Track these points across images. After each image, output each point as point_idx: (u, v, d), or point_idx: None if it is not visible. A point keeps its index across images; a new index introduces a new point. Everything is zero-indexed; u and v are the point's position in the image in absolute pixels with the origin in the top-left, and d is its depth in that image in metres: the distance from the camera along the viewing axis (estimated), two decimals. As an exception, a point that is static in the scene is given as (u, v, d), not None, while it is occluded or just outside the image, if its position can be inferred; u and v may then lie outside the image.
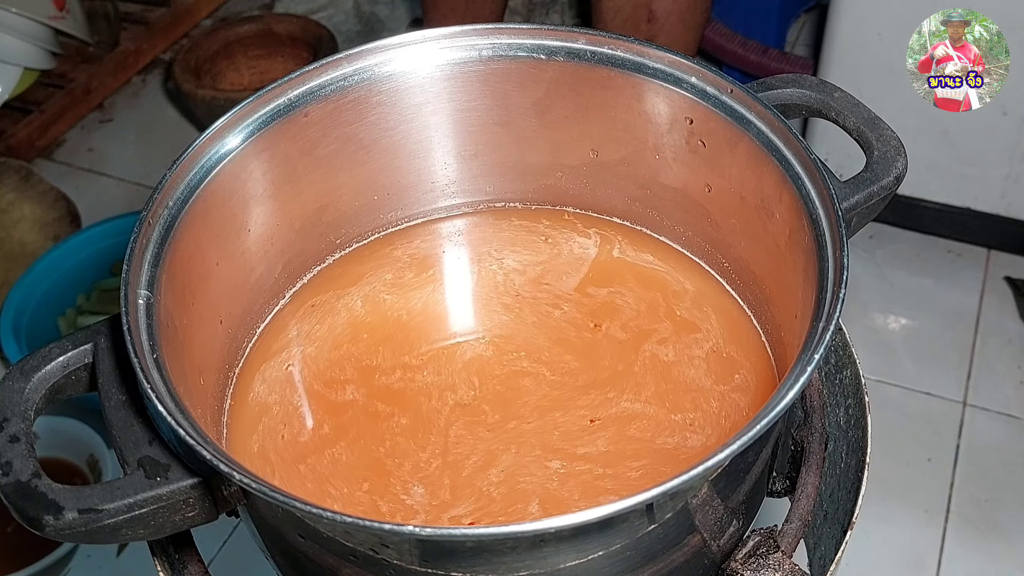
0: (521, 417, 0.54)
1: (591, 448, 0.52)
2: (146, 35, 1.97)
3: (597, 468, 0.51)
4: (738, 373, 0.55)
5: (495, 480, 0.51)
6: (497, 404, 0.55)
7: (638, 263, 0.61)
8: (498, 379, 0.56)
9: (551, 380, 0.56)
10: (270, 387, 0.56)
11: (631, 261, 0.61)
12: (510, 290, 0.61)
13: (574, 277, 0.61)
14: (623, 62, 0.55)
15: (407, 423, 0.54)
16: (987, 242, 1.49)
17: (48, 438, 1.24)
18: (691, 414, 0.53)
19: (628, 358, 0.56)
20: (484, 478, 0.51)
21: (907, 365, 1.38)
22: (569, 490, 0.50)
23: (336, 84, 0.55)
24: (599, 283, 0.61)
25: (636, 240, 0.62)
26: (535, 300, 0.60)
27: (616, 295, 0.60)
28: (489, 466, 0.52)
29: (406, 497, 0.51)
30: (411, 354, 0.58)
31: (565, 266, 0.62)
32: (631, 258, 0.62)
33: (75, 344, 0.48)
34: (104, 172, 1.79)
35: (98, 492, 0.43)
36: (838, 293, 0.43)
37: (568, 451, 0.52)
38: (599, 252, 0.62)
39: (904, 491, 1.25)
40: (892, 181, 0.53)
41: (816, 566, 0.62)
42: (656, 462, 0.51)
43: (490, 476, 0.51)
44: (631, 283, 0.60)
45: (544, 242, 0.63)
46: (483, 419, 0.54)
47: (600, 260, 0.62)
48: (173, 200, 0.50)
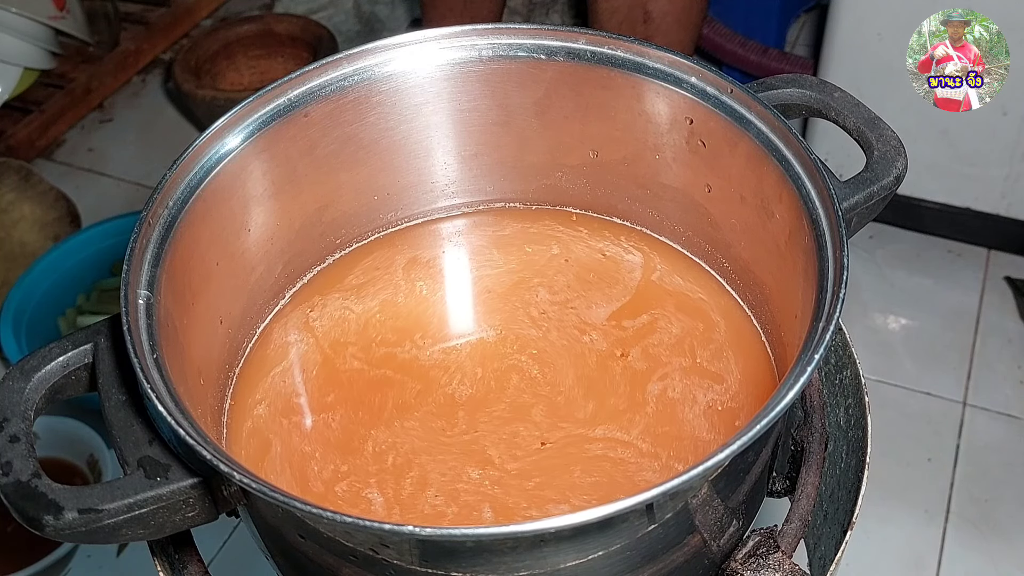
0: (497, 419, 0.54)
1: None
2: (146, 35, 1.97)
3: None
4: (737, 420, 0.54)
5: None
6: (488, 403, 0.55)
7: (637, 262, 0.61)
8: (494, 373, 0.56)
9: (540, 381, 0.56)
10: (270, 387, 0.56)
11: (631, 261, 0.62)
12: (509, 290, 0.61)
13: (573, 277, 0.61)
14: (623, 62, 0.55)
15: (407, 424, 0.54)
16: (987, 242, 1.49)
17: (48, 438, 1.24)
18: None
19: (624, 351, 0.57)
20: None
21: (907, 365, 1.38)
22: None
23: (336, 84, 0.55)
24: (599, 282, 0.61)
25: (635, 238, 0.62)
26: (535, 300, 0.60)
27: (616, 294, 0.60)
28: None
29: (405, 496, 0.51)
30: (410, 354, 0.58)
31: (565, 266, 0.62)
32: (631, 257, 0.62)
33: (75, 344, 0.48)
34: (104, 172, 1.79)
35: (98, 492, 0.43)
36: (838, 293, 0.43)
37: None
38: (599, 252, 0.62)
39: (904, 491, 1.25)
40: (892, 181, 0.53)
41: (816, 566, 0.62)
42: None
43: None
44: (631, 282, 0.60)
45: (543, 242, 0.63)
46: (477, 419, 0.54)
47: (601, 259, 0.62)
48: (173, 200, 0.50)
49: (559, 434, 0.53)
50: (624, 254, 0.62)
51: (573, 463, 0.52)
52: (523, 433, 0.53)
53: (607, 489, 0.50)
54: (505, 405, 0.55)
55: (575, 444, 0.53)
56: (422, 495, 0.51)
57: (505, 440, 0.53)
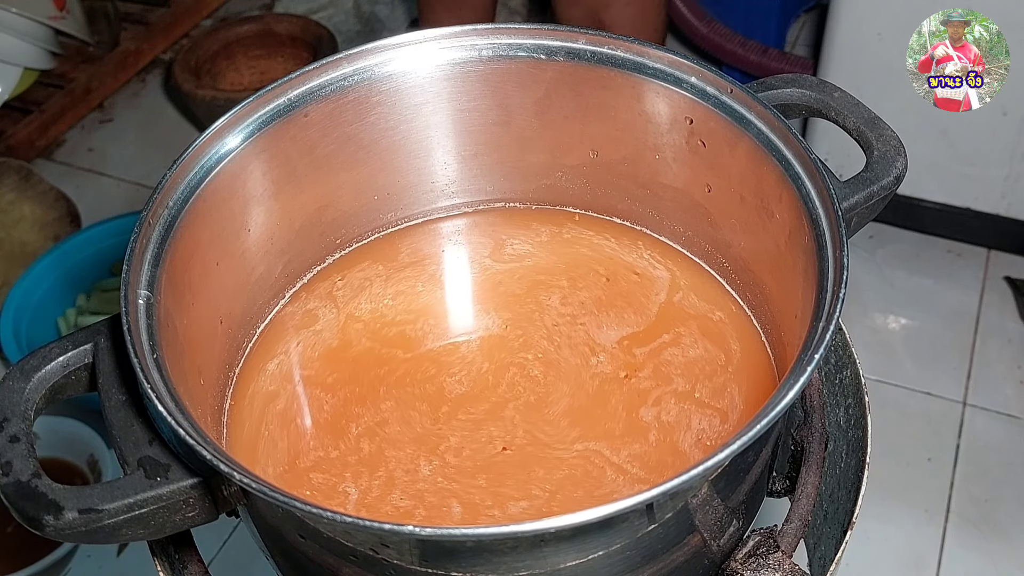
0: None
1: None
2: (146, 35, 1.97)
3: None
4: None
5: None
6: (487, 400, 0.55)
7: (637, 261, 0.61)
8: (490, 373, 0.57)
9: (539, 381, 0.56)
10: (270, 387, 0.56)
11: (628, 260, 0.62)
12: (509, 290, 0.61)
13: (574, 277, 0.61)
14: (623, 62, 0.55)
15: (401, 428, 0.54)
16: (987, 242, 1.49)
17: (48, 438, 1.24)
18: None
19: (624, 351, 0.57)
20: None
21: (907, 365, 1.38)
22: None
23: (336, 84, 0.55)
24: (600, 282, 0.61)
25: (635, 237, 0.62)
26: (535, 300, 0.60)
27: (615, 294, 0.60)
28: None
29: (406, 495, 0.51)
30: (410, 354, 0.58)
31: (564, 265, 0.62)
32: (630, 257, 0.62)
33: (75, 344, 0.48)
34: (104, 172, 1.79)
35: (98, 492, 0.43)
36: (838, 293, 0.43)
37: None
38: (598, 251, 0.62)
39: (904, 491, 1.25)
40: (892, 181, 0.53)
41: (816, 566, 0.62)
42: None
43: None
44: (632, 283, 0.60)
45: (542, 242, 0.63)
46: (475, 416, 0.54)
47: (601, 258, 0.62)
48: (173, 200, 0.50)
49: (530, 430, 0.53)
50: (624, 255, 0.62)
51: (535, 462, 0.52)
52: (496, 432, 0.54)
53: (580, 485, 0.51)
54: (492, 403, 0.55)
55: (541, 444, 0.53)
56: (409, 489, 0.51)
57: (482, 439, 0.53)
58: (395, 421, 0.54)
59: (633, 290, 0.60)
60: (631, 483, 0.51)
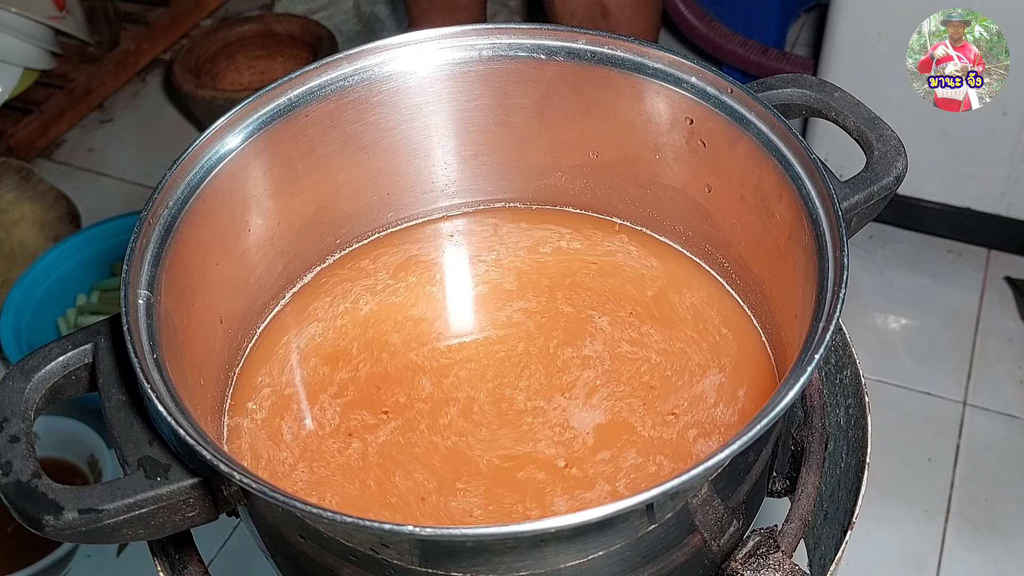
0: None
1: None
2: (146, 35, 1.97)
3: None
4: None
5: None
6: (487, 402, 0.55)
7: (636, 261, 0.61)
8: (492, 372, 0.57)
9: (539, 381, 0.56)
10: (270, 387, 0.56)
11: (628, 260, 0.62)
12: (510, 289, 0.61)
13: (574, 277, 0.61)
14: (623, 62, 0.55)
15: (401, 428, 0.54)
16: (987, 242, 1.49)
17: (48, 438, 1.24)
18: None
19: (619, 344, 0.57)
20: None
21: (907, 365, 1.38)
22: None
23: (336, 84, 0.55)
24: (600, 282, 0.61)
25: (635, 237, 0.62)
26: (535, 300, 0.60)
27: (615, 294, 0.60)
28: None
29: (400, 498, 0.51)
30: (410, 354, 0.58)
31: (564, 265, 0.62)
32: (630, 257, 0.62)
33: (75, 344, 0.48)
34: (104, 172, 1.79)
35: (98, 492, 0.43)
36: (838, 293, 0.43)
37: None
38: (598, 251, 0.62)
39: (904, 491, 1.25)
40: (892, 181, 0.53)
41: (816, 566, 0.62)
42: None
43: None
44: (632, 283, 0.60)
45: (543, 242, 0.63)
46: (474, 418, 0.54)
47: (601, 258, 0.62)
48: (173, 200, 0.50)
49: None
50: (624, 255, 0.62)
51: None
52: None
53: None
54: (493, 403, 0.55)
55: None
56: (412, 491, 0.51)
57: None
58: (396, 421, 0.54)
59: (633, 290, 0.60)
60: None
